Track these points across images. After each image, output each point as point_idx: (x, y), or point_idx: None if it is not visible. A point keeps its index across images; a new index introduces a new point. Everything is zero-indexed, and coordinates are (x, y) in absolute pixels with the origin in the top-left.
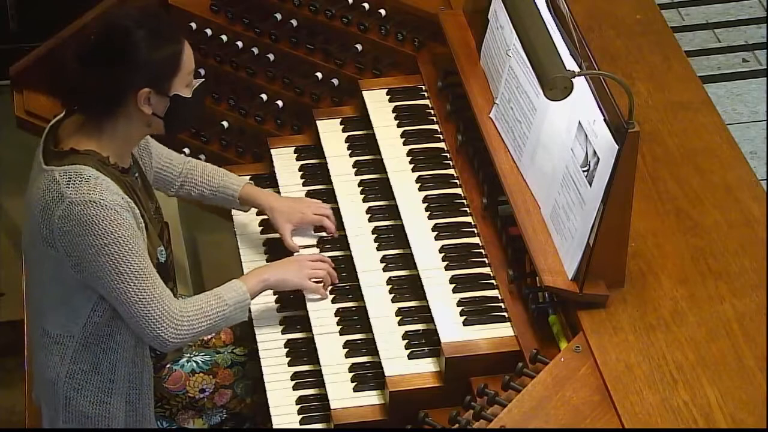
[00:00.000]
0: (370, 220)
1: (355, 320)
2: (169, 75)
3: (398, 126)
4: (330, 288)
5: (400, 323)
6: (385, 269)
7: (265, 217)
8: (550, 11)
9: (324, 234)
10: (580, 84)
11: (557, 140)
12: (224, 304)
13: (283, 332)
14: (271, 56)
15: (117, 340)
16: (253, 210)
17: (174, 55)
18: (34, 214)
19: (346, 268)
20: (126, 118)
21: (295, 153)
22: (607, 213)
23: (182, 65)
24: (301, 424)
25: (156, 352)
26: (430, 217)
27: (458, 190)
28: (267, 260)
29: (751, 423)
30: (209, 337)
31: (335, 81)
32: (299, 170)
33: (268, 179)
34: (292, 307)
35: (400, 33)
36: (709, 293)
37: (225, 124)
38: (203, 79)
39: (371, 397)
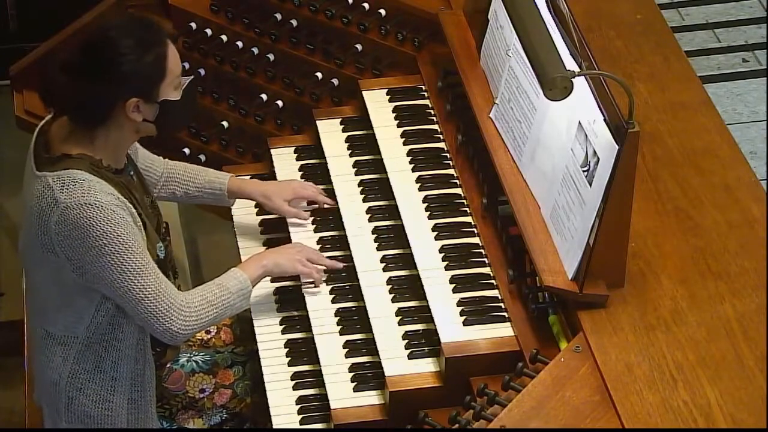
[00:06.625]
0: (370, 220)
1: (355, 320)
2: (155, 82)
3: (398, 126)
4: (325, 277)
5: (400, 323)
6: (385, 269)
7: (265, 216)
8: (550, 11)
9: (323, 234)
10: (580, 84)
11: (557, 140)
12: (227, 292)
13: (283, 332)
14: (271, 56)
15: (119, 338)
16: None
17: (158, 61)
18: (31, 221)
19: (346, 268)
20: (117, 126)
21: (295, 153)
22: (607, 213)
23: (168, 70)
24: (301, 424)
25: (156, 349)
26: (430, 217)
27: (458, 190)
28: None
29: (751, 423)
30: (209, 336)
31: (335, 81)
32: (299, 170)
33: (268, 179)
34: (292, 307)
35: (400, 33)
36: (709, 293)
37: (225, 124)
38: (192, 77)
39: (371, 397)
